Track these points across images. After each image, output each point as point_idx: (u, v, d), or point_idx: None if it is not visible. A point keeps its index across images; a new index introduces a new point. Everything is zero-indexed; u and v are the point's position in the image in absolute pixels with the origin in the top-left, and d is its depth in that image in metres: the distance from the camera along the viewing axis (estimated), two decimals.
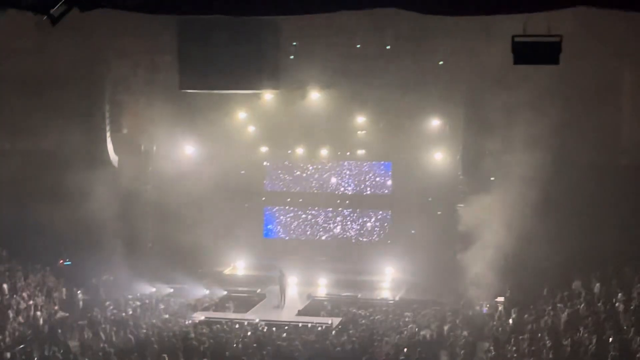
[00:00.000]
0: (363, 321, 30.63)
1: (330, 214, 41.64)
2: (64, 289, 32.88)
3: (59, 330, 28.25)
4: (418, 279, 36.75)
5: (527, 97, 30.72)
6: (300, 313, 33.51)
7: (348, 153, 40.47)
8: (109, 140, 36.55)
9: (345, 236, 41.49)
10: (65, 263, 35.95)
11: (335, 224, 41.57)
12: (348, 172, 41.36)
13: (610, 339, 24.22)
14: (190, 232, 37.24)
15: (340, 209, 41.49)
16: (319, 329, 29.69)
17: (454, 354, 26.25)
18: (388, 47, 33.15)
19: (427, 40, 31.77)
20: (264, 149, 40.61)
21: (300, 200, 41.60)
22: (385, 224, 41.09)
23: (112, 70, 35.83)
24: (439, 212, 38.17)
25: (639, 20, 20.40)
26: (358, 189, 41.34)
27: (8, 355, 25.09)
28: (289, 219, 42.01)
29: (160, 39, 31.96)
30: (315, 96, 36.15)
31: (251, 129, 39.09)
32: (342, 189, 41.51)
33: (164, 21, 29.59)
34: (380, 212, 41.24)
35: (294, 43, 33.24)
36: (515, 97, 31.00)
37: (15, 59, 33.49)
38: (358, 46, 33.16)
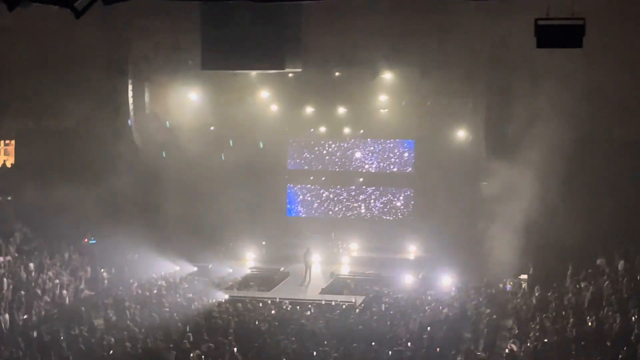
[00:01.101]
0: (386, 299, 30.64)
1: (353, 192, 41.64)
2: (89, 268, 33.12)
3: (84, 309, 28.48)
4: (441, 256, 36.72)
5: (551, 73, 30.49)
6: (323, 291, 33.57)
7: (370, 131, 40.37)
8: (132, 119, 36.66)
9: (368, 214, 41.47)
10: (90, 241, 36.20)
11: (359, 202, 41.57)
12: (371, 149, 41.29)
13: (634, 317, 24.13)
14: (213, 210, 37.35)
15: (363, 187, 41.48)
16: (343, 307, 29.79)
17: (477, 331, 26.23)
18: (409, 26, 32.95)
19: (449, 17, 31.50)
20: (286, 128, 40.58)
21: (323, 178, 41.57)
22: (410, 202, 41.01)
23: (135, 49, 35.87)
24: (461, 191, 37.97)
25: None
26: (381, 166, 41.25)
27: (34, 333, 25.33)
28: (311, 197, 42.04)
29: (183, 18, 31.91)
30: (337, 75, 36.01)
31: (274, 107, 39.02)
32: (366, 166, 41.47)
33: (187, 1, 29.56)
34: (404, 190, 41.18)
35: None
36: (540, 73, 30.80)
37: (40, 40, 33.66)
38: (380, 25, 32.96)
